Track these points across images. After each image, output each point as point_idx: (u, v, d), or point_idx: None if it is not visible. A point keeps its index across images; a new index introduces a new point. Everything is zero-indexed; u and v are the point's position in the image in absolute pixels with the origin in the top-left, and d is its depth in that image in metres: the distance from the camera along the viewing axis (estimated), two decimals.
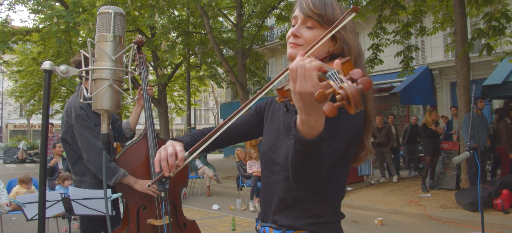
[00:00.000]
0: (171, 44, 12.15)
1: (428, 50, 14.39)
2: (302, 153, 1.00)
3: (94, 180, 2.86)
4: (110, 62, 1.16)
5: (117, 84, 1.19)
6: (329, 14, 1.27)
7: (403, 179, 10.86)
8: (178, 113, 25.19)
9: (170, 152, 1.24)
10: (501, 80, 9.81)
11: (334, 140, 1.14)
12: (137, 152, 2.90)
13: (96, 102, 1.19)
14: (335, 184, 1.29)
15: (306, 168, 1.05)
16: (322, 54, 1.29)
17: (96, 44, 1.17)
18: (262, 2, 10.07)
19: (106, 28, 1.18)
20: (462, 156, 3.68)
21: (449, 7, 9.64)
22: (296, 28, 1.30)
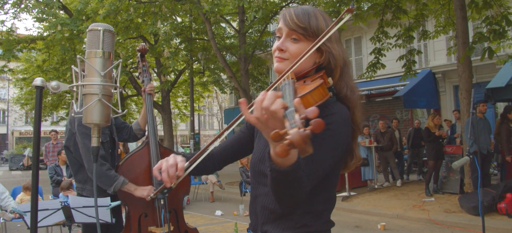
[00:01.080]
0: (174, 51, 12.23)
1: (431, 54, 14.36)
2: (278, 180, 1.03)
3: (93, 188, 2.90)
4: (100, 77, 1.20)
5: (106, 98, 1.23)
6: (313, 26, 1.27)
7: (407, 184, 10.83)
8: (182, 119, 25.29)
9: (171, 163, 1.27)
10: (504, 82, 9.76)
11: (320, 160, 1.16)
12: (139, 160, 2.94)
13: (86, 116, 1.23)
14: (324, 195, 1.30)
15: (284, 193, 1.08)
16: (308, 66, 1.30)
17: (86, 60, 1.21)
18: (263, 8, 10.11)
19: (95, 45, 1.22)
20: (462, 161, 3.68)
21: (451, 11, 9.64)
22: (281, 42, 1.31)
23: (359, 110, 1.33)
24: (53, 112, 22.67)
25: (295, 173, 1.00)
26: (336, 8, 9.97)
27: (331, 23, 1.31)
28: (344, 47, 1.48)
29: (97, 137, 1.22)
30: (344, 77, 1.32)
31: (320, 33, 1.27)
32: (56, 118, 24.54)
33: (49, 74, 16.11)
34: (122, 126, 3.30)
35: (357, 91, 1.34)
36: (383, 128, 10.84)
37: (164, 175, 1.26)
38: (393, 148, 10.64)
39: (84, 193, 2.95)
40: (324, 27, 1.28)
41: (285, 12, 1.33)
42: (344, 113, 1.24)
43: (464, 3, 7.54)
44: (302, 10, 1.31)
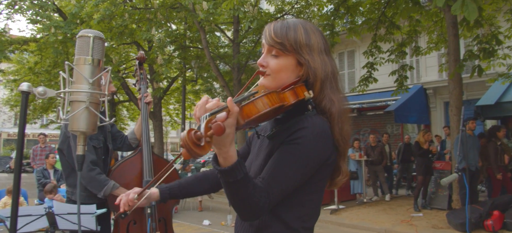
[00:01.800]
0: (168, 58, 12.21)
1: (423, 69, 14.52)
2: (224, 182, 1.11)
3: (85, 193, 2.88)
4: (88, 84, 1.18)
5: (94, 106, 1.21)
6: (291, 40, 1.27)
7: (396, 198, 10.86)
8: (173, 127, 25.18)
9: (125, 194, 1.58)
10: (493, 100, 9.92)
11: (281, 174, 1.17)
12: (132, 167, 2.93)
13: (72, 124, 1.21)
14: (299, 211, 1.26)
15: (233, 197, 1.13)
16: (290, 80, 1.29)
17: (74, 67, 1.19)
18: (258, 19, 10.16)
19: (85, 52, 1.20)
20: (450, 177, 3.70)
21: (443, 28, 9.77)
22: (262, 58, 1.32)
23: (343, 123, 1.29)
24: (42, 115, 22.41)
25: (234, 174, 1.07)
26: (330, 21, 10.07)
27: (314, 34, 1.31)
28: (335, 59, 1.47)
29: (82, 145, 1.20)
30: (325, 90, 1.29)
31: (299, 46, 1.27)
32: (45, 121, 24.28)
33: (41, 77, 15.97)
34: (117, 134, 3.29)
35: (340, 104, 1.30)
36: (373, 142, 10.88)
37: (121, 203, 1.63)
38: (383, 162, 10.68)
39: (73, 197, 2.94)
40: (302, 40, 1.27)
41: (266, 27, 1.34)
42: (319, 127, 1.21)
43: (456, 21, 7.64)
44: (281, 24, 1.30)
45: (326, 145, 1.23)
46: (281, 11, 13.25)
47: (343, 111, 1.30)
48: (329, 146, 1.24)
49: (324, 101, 1.29)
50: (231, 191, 1.11)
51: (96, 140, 2.92)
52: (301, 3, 12.77)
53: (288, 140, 1.21)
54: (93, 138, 2.88)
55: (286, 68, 1.29)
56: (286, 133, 1.24)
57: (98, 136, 2.96)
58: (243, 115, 1.12)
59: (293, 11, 13.03)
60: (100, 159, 2.96)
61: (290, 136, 1.21)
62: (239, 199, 1.12)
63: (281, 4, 13.20)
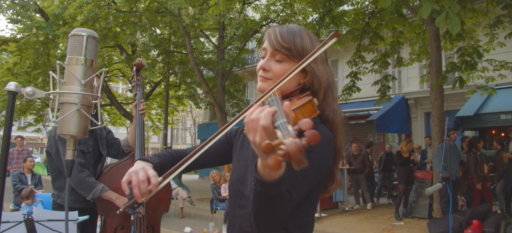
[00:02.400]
0: (152, 62, 12.07)
1: (404, 80, 14.77)
2: (262, 194, 0.98)
3: (70, 197, 2.84)
4: (79, 86, 1.12)
5: (85, 109, 1.15)
6: (298, 46, 1.25)
7: (377, 207, 10.95)
8: (155, 132, 24.87)
9: (142, 178, 1.17)
10: (472, 112, 10.16)
11: (300, 180, 1.12)
12: (123, 171, 2.85)
13: (62, 127, 1.14)
14: (302, 220, 1.26)
15: (266, 209, 1.03)
16: (292, 87, 1.27)
17: (66, 66, 1.13)
18: (244, 25, 10.17)
19: (77, 51, 1.15)
20: (434, 187, 3.74)
21: (425, 40, 9.96)
22: (265, 61, 1.28)
23: (341, 133, 1.30)
24: (20, 117, 21.84)
25: (280, 187, 0.96)
26: (315, 31, 10.14)
27: (317, 43, 1.29)
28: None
29: (72, 150, 1.14)
30: (327, 99, 1.30)
31: (305, 53, 1.25)
32: (23, 124, 23.64)
33: (20, 78, 15.56)
34: (113, 141, 3.24)
35: (340, 114, 1.31)
36: (356, 151, 10.97)
37: (135, 190, 1.16)
38: (365, 171, 10.77)
39: (58, 200, 2.90)
40: (309, 47, 1.26)
41: (270, 31, 1.30)
42: (327, 135, 1.21)
43: (438, 33, 7.80)
44: (287, 29, 1.28)
45: (331, 153, 1.24)
46: (267, 18, 13.31)
47: (342, 121, 1.31)
48: (332, 155, 1.25)
49: (328, 110, 1.29)
50: (267, 204, 1.00)
51: (84, 144, 2.87)
52: (286, 11, 12.86)
53: None
54: (82, 142, 2.84)
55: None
56: None
57: (87, 141, 2.91)
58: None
59: (278, 19, 13.11)
60: (89, 164, 2.91)
61: None
62: (271, 211, 1.03)
63: (267, 12, 13.27)
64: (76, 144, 1.17)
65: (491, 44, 9.13)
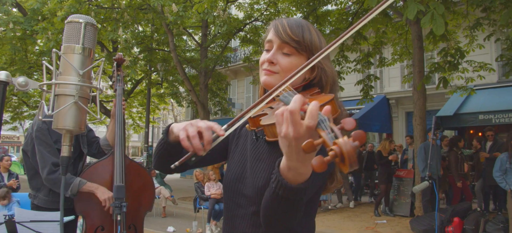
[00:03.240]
0: (133, 60, 11.86)
1: (386, 80, 14.96)
2: (282, 198, 0.92)
3: (47, 197, 2.75)
4: (77, 76, 1.04)
5: (83, 101, 1.06)
6: (307, 40, 1.19)
7: (359, 205, 11.05)
8: (135, 130, 24.50)
9: (205, 126, 1.02)
10: (452, 112, 10.37)
11: (313, 182, 1.06)
12: (102, 170, 2.78)
13: (58, 121, 1.06)
14: (308, 220, 1.22)
15: (283, 213, 0.97)
16: (298, 82, 1.21)
17: (62, 55, 1.05)
18: (228, 23, 10.10)
19: (74, 39, 1.07)
20: (422, 185, 3.77)
21: (408, 41, 10.09)
22: (272, 54, 1.21)
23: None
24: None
25: (303, 193, 0.91)
26: None
27: (322, 38, 1.26)
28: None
29: (68, 146, 1.06)
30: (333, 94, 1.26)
31: (313, 48, 1.20)
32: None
33: None
34: (93, 140, 3.13)
35: (344, 111, 1.28)
36: None
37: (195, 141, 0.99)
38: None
39: (35, 201, 2.78)
40: (317, 42, 1.22)
41: (277, 22, 1.24)
42: None
43: (421, 34, 7.91)
44: (295, 22, 1.23)
45: None
46: (250, 17, 13.27)
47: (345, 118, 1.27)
48: None
49: None
50: (287, 207, 0.94)
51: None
52: (270, 10, 12.84)
53: None
54: (59, 141, 2.68)
55: (297, 68, 1.20)
56: None
57: None
58: None
59: (262, 17, 13.08)
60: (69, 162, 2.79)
61: None
62: (289, 214, 0.97)
63: (250, 10, 13.23)
64: (72, 139, 1.09)
65: (470, 46, 9.32)
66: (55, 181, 2.63)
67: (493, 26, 8.74)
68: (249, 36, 13.55)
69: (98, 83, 1.10)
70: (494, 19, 8.54)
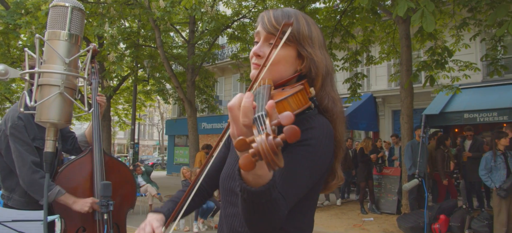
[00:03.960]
0: (119, 56, 11.68)
1: (373, 78, 15.05)
2: (250, 202, 0.88)
3: (23, 198, 2.56)
4: (63, 65, 0.95)
5: (69, 92, 0.98)
6: (293, 29, 1.14)
7: (346, 203, 11.10)
8: (121, 127, 24.22)
9: (148, 231, 1.22)
10: (438, 110, 10.47)
11: (297, 179, 1.03)
12: (80, 168, 2.65)
13: (41, 113, 0.96)
14: (300, 219, 1.17)
15: (258, 216, 0.92)
16: (287, 74, 1.17)
17: (46, 42, 0.96)
18: (216, 20, 10.00)
19: (60, 24, 0.97)
20: (412, 183, 3.78)
21: (395, 40, 10.15)
22: (259, 47, 1.18)
23: (341, 124, 1.21)
24: None
25: (269, 194, 0.86)
26: None
27: (315, 27, 1.21)
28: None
29: (53, 141, 0.97)
30: (326, 87, 1.20)
31: (302, 38, 1.15)
32: None
33: None
34: (68, 135, 2.96)
35: (339, 103, 1.23)
36: None
37: None
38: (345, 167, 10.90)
39: (9, 203, 2.59)
40: (305, 31, 1.16)
41: (263, 14, 1.20)
42: (326, 127, 1.12)
43: (409, 33, 7.95)
44: (282, 12, 1.18)
45: (332, 147, 1.14)
46: (238, 14, 13.19)
47: (342, 111, 1.22)
48: (332, 150, 1.15)
49: (326, 100, 1.19)
50: (258, 211, 0.90)
51: (40, 140, 2.55)
52: (258, 7, 12.78)
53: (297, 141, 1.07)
54: (38, 138, 2.54)
55: (285, 60, 1.16)
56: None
57: (43, 135, 2.62)
58: None
59: (250, 14, 13.01)
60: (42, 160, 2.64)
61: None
62: (264, 218, 0.92)
63: (239, 7, 13.14)
64: (57, 133, 1.01)
65: (456, 45, 9.42)
66: (33, 183, 2.45)
67: (479, 26, 8.85)
68: (237, 33, 13.47)
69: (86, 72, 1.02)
70: (480, 19, 8.64)
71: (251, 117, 0.75)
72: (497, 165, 5.85)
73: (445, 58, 7.39)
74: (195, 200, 1.45)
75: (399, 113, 9.98)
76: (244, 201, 0.89)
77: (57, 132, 1.02)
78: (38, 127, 2.57)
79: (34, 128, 2.54)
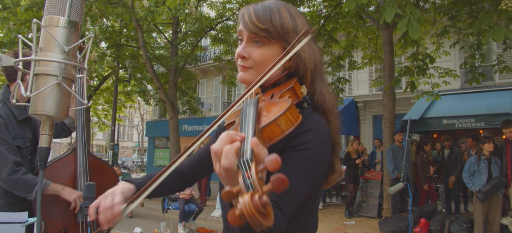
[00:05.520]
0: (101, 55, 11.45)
1: (355, 83, 15.22)
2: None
3: (3, 200, 2.43)
4: (61, 53, 0.89)
5: (67, 83, 0.91)
6: (276, 25, 1.08)
7: (327, 206, 11.16)
8: (100, 128, 23.74)
9: (107, 205, 1.11)
10: (418, 116, 10.68)
11: (296, 189, 0.98)
12: (64, 168, 2.55)
13: (36, 105, 0.89)
14: (304, 220, 1.13)
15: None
16: (276, 74, 1.11)
17: (44, 28, 0.89)
18: (200, 21, 9.93)
19: (59, 10, 0.91)
20: (397, 186, 3.81)
21: (378, 45, 10.28)
22: (243, 48, 1.13)
23: (335, 118, 1.17)
24: None
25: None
26: None
27: (299, 17, 1.15)
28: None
29: (48, 135, 0.91)
30: (315, 82, 1.16)
31: (286, 32, 1.10)
32: None
33: None
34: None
35: (331, 97, 1.17)
36: None
37: (100, 217, 1.11)
38: None
39: None
40: (289, 25, 1.10)
41: (243, 11, 1.14)
42: (321, 127, 1.07)
43: (392, 39, 8.07)
44: (262, 7, 1.12)
45: (329, 146, 1.10)
46: (222, 16, 13.13)
47: (335, 106, 1.18)
48: (330, 146, 1.12)
49: (316, 96, 1.14)
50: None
51: (21, 138, 2.44)
52: None
53: (292, 146, 1.03)
54: (18, 137, 2.42)
55: (272, 58, 1.10)
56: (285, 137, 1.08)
57: (24, 134, 2.51)
58: (265, 140, 0.85)
59: (234, 17, 12.97)
60: (25, 160, 2.52)
61: (293, 141, 1.03)
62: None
63: (222, 9, 13.08)
64: (53, 127, 0.94)
65: (437, 52, 9.61)
66: (16, 182, 2.35)
67: (458, 34, 9.05)
68: (221, 35, 13.41)
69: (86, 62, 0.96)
70: (460, 28, 8.84)
71: (232, 160, 0.71)
72: (480, 169, 6.00)
73: (427, 64, 7.52)
74: (173, 183, 1.38)
75: (380, 118, 10.11)
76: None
77: (53, 126, 0.95)
78: (19, 125, 2.46)
79: (15, 126, 2.42)
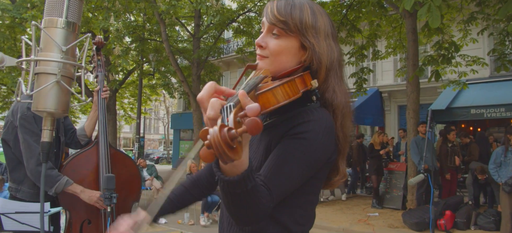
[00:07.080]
0: (125, 50, 11.69)
1: (379, 73, 14.95)
2: (228, 193, 0.89)
3: (32, 190, 2.54)
4: (60, 53, 0.93)
5: (66, 81, 0.96)
6: (295, 19, 1.12)
7: (351, 198, 11.07)
8: (127, 121, 24.28)
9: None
10: (444, 106, 10.38)
11: (285, 173, 1.02)
12: (86, 161, 2.65)
13: (38, 102, 0.95)
14: (298, 213, 1.14)
15: (236, 207, 0.94)
16: (291, 65, 1.14)
17: (43, 29, 0.94)
18: (221, 14, 9.97)
19: (57, 11, 0.95)
20: (417, 178, 3.75)
21: (402, 34, 10.05)
22: (262, 37, 1.17)
23: (346, 118, 1.17)
24: None
25: (244, 185, 0.87)
26: None
27: (321, 16, 1.17)
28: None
29: (50, 130, 0.96)
30: (330, 79, 1.16)
31: (304, 28, 1.12)
32: None
33: None
34: (68, 128, 2.94)
35: (344, 96, 1.18)
36: None
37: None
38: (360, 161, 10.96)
39: (18, 195, 2.57)
40: (309, 21, 1.13)
41: (268, 4, 1.18)
42: (325, 121, 1.09)
43: (416, 27, 7.87)
44: (286, 1, 1.15)
45: (331, 141, 1.11)
46: (244, 8, 13.14)
47: (347, 105, 1.18)
48: (333, 143, 1.12)
49: (328, 92, 1.16)
50: (236, 201, 0.92)
51: None
52: (264, 1, 12.72)
53: (292, 133, 1.06)
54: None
55: (288, 50, 1.14)
56: (286, 125, 1.09)
57: None
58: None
59: (256, 8, 12.96)
60: (51, 153, 2.63)
61: (294, 129, 1.06)
62: (243, 208, 0.94)
63: (244, 1, 13.09)
64: (54, 123, 0.99)
65: (464, 40, 9.31)
66: (40, 175, 2.47)
67: (487, 20, 8.73)
68: (242, 27, 13.42)
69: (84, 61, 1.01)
70: (488, 14, 8.52)
71: (217, 109, 0.76)
72: (507, 160, 5.80)
73: (452, 52, 7.30)
74: (192, 194, 1.46)
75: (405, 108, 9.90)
76: (221, 190, 0.90)
77: (54, 122, 1.00)
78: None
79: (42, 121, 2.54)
